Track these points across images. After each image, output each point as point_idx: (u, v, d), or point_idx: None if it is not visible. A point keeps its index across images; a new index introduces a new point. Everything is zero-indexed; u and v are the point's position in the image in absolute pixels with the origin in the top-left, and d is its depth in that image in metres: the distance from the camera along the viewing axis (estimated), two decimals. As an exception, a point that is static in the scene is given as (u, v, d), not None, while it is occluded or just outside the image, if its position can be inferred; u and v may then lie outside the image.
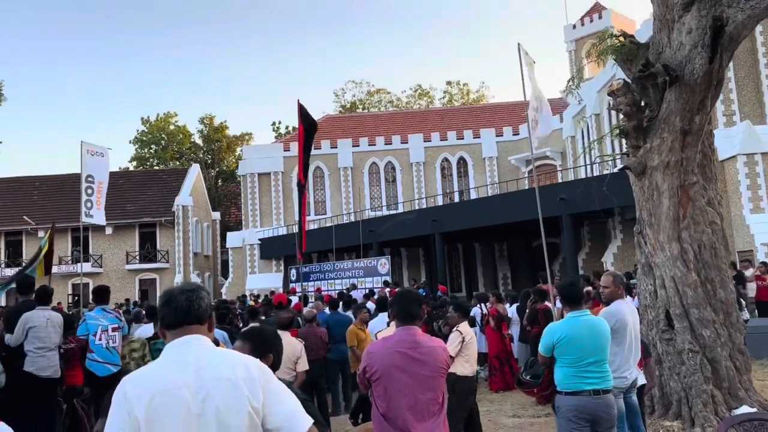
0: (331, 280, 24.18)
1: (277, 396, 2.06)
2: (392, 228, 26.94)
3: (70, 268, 34.20)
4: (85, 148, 11.50)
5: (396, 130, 37.55)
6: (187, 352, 2.04)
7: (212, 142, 53.42)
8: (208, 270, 39.72)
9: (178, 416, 1.92)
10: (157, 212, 36.24)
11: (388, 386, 3.59)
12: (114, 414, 1.92)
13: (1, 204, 37.20)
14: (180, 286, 2.20)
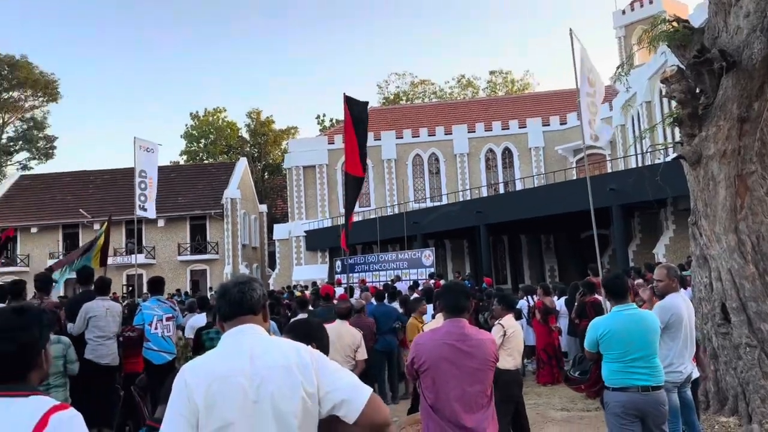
0: (376, 271, 24.33)
1: (334, 374, 2.10)
2: (436, 220, 26.85)
3: (125, 260, 35.39)
4: (138, 144, 11.91)
5: (440, 122, 37.34)
6: (242, 340, 2.11)
7: (259, 135, 54.30)
8: (256, 261, 40.49)
9: (234, 402, 1.98)
10: (207, 205, 37.11)
11: (436, 378, 3.61)
12: (174, 400, 1.99)
13: (59, 198, 38.74)
14: (233, 279, 2.28)
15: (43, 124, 48.60)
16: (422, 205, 32.47)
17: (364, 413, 2.04)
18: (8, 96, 45.88)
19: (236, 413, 1.97)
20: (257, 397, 1.99)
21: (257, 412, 1.99)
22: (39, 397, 1.89)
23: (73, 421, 1.86)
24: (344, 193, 10.48)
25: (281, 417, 2.01)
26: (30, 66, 45.73)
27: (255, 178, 46.51)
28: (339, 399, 2.05)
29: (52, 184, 40.37)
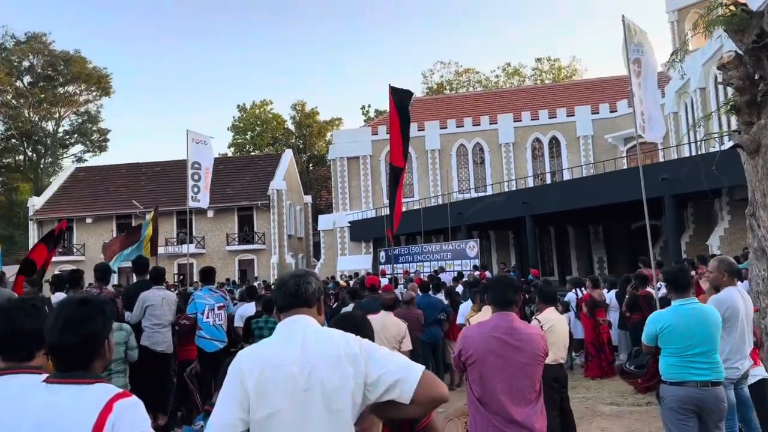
0: (419, 262, 24.32)
1: (384, 358, 2.12)
2: (481, 211, 26.63)
3: (176, 249, 36.43)
4: (191, 136, 12.22)
5: (484, 111, 36.91)
6: (294, 330, 2.17)
7: (304, 127, 54.89)
8: (302, 251, 41.06)
9: (285, 390, 2.03)
10: (254, 196, 37.79)
11: (484, 371, 3.61)
12: (228, 383, 2.06)
13: (113, 189, 40.10)
14: (291, 272, 2.34)
15: (96, 117, 50.36)
16: (466, 196, 32.23)
17: (420, 389, 2.04)
18: (64, 90, 47.68)
19: (286, 401, 2.03)
20: (307, 386, 2.04)
21: (307, 400, 2.04)
22: (103, 384, 1.98)
23: (136, 407, 1.94)
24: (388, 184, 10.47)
25: (331, 406, 2.05)
26: (84, 61, 47.37)
27: (300, 169, 47.06)
28: (392, 380, 2.05)
29: (105, 175, 41.80)
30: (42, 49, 46.25)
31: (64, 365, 1.98)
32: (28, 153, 49.01)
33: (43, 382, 1.99)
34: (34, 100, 45.95)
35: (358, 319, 2.94)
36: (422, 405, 2.09)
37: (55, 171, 49.05)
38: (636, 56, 8.15)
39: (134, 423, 1.90)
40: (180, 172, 37.73)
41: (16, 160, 49.39)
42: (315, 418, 2.05)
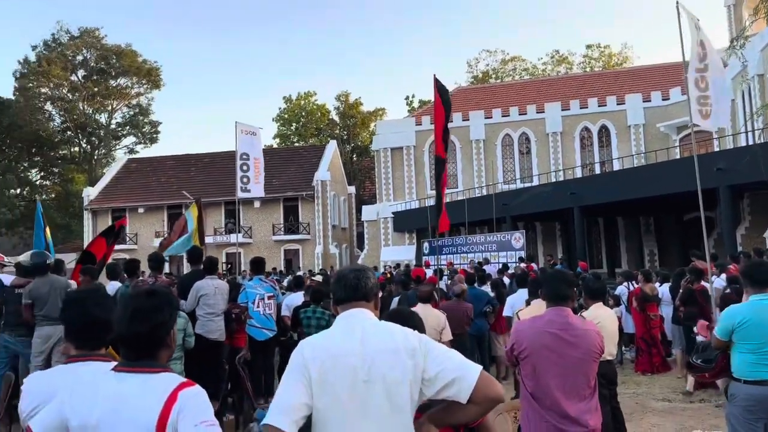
0: (464, 253, 24.15)
1: (442, 355, 2.15)
2: (526, 201, 26.24)
3: (224, 239, 37.23)
4: (239, 128, 12.41)
5: (531, 99, 36.27)
6: (353, 323, 2.20)
7: (348, 118, 55.13)
8: (345, 242, 41.37)
9: (346, 381, 2.07)
10: (298, 187, 38.23)
11: (537, 365, 3.58)
12: (292, 370, 2.11)
13: (164, 180, 41.18)
14: (350, 266, 2.40)
15: (147, 110, 51.72)
16: (512, 187, 31.81)
17: (478, 389, 2.06)
18: (116, 83, 49.12)
19: (346, 391, 2.06)
20: (368, 377, 2.07)
21: (368, 391, 2.07)
22: (168, 373, 2.05)
23: (199, 396, 2.00)
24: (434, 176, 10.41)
25: (392, 399, 2.08)
26: (134, 54, 48.64)
27: (344, 160, 47.33)
28: (450, 378, 2.07)
29: (156, 167, 42.95)
30: (95, 43, 47.69)
31: (133, 354, 2.04)
32: (83, 145, 50.74)
33: (112, 371, 2.06)
34: (87, 93, 47.50)
35: (406, 313, 2.96)
36: (480, 404, 2.10)
37: (108, 162, 50.68)
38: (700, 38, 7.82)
39: (198, 411, 1.96)
40: (227, 163, 38.45)
41: (71, 151, 51.23)
42: (375, 410, 2.08)
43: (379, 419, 2.08)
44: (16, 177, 45.27)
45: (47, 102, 47.52)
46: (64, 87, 47.24)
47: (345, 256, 40.17)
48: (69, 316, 2.42)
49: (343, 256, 39.36)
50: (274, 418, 2.00)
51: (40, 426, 2.05)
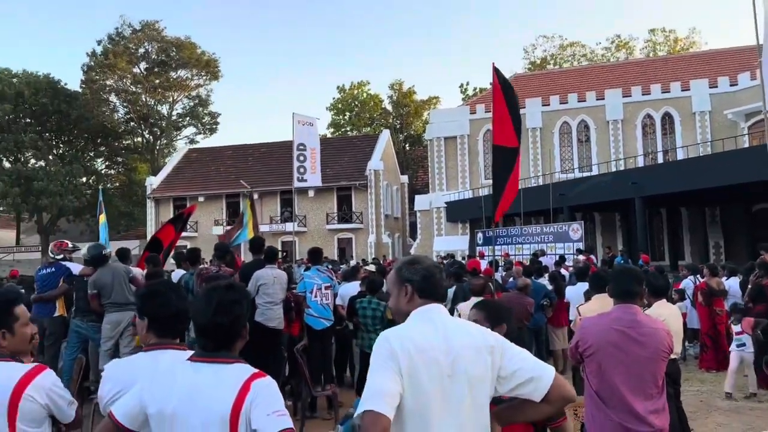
0: (519, 244, 23.76)
1: (518, 355, 2.19)
2: (585, 191, 25.58)
3: (280, 227, 37.93)
4: (297, 118, 12.58)
5: (590, 86, 35.23)
6: (435, 319, 2.21)
7: (401, 107, 55.03)
8: (398, 231, 41.45)
9: (432, 375, 2.08)
10: (352, 176, 38.49)
11: (603, 363, 3.51)
12: (381, 359, 2.08)
13: (222, 170, 42.22)
14: (431, 263, 2.39)
15: (207, 101, 53.03)
16: (569, 176, 31.05)
17: (554, 388, 2.13)
18: (176, 75, 50.52)
19: (434, 385, 2.07)
20: (452, 372, 2.09)
21: (452, 386, 2.09)
22: (241, 364, 2.11)
23: (271, 387, 2.06)
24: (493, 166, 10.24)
25: (474, 393, 2.11)
26: (194, 46, 49.88)
27: (397, 149, 47.32)
28: (527, 377, 2.13)
29: (216, 156, 44.07)
30: (155, 36, 49.13)
31: (212, 345, 2.12)
32: (146, 135, 52.52)
33: (189, 361, 2.13)
34: (149, 85, 49.06)
35: (505, 309, 3.01)
36: (553, 404, 2.17)
37: (169, 152, 52.35)
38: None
39: (270, 401, 2.02)
40: (283, 153, 39.08)
41: (134, 141, 53.13)
42: (458, 405, 2.10)
43: (461, 414, 2.10)
44: (83, 166, 47.31)
45: (111, 94, 49.35)
46: (127, 79, 48.93)
47: (398, 246, 40.27)
48: (152, 308, 2.51)
49: (395, 246, 39.47)
50: (374, 403, 1.97)
51: (121, 412, 2.13)
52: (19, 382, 2.44)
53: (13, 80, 44.25)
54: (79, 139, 48.85)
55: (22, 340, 2.60)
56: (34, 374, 2.48)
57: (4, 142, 42.91)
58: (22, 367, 2.51)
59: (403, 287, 2.31)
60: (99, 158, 51.94)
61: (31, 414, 2.46)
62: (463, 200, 33.22)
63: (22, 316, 2.61)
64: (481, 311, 2.99)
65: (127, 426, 2.13)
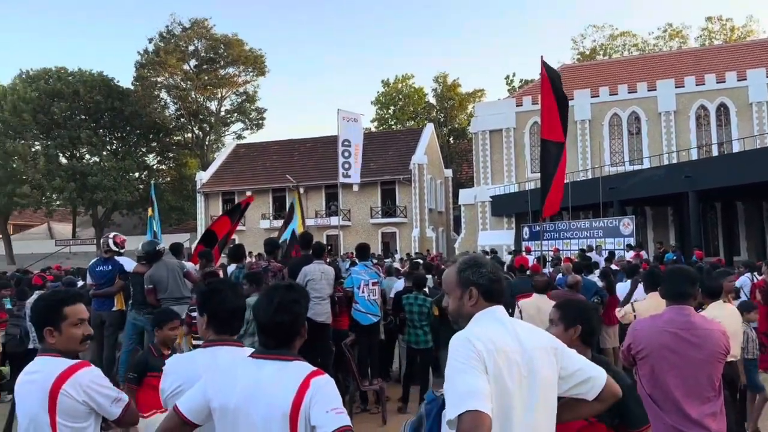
0: (567, 239, 23.38)
1: (576, 355, 2.29)
2: (636, 185, 24.92)
3: (325, 221, 38.31)
4: (341, 115, 12.68)
5: (642, 77, 34.22)
6: (503, 320, 2.24)
7: (445, 100, 54.66)
8: (442, 225, 41.29)
9: (513, 375, 2.10)
10: (396, 170, 38.51)
11: (656, 366, 3.44)
12: (466, 358, 2.06)
13: (269, 165, 42.87)
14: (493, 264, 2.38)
15: (254, 97, 53.85)
16: (620, 169, 30.31)
17: (607, 387, 2.25)
18: (224, 72, 51.46)
19: (515, 386, 2.10)
20: (528, 373, 2.13)
21: (530, 386, 2.13)
22: (301, 362, 2.18)
23: (329, 384, 2.12)
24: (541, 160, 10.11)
25: (547, 394, 2.17)
26: (241, 43, 50.67)
27: (441, 142, 47.05)
28: (586, 377, 2.23)
29: (262, 151, 44.80)
30: (204, 33, 50.11)
31: (273, 342, 2.20)
32: (195, 131, 53.74)
33: (251, 357, 2.22)
34: (199, 82, 50.14)
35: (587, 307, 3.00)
36: (604, 402, 2.28)
37: (218, 147, 53.42)
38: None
39: (329, 399, 2.07)
40: (328, 147, 39.42)
41: (185, 137, 54.42)
42: (536, 405, 2.14)
43: (537, 415, 2.14)
44: (135, 162, 48.78)
45: (162, 91, 50.65)
46: (177, 76, 50.10)
47: (442, 240, 40.13)
48: (211, 305, 2.58)
49: (439, 240, 39.35)
50: (474, 402, 1.94)
51: (186, 406, 2.21)
52: (58, 378, 2.50)
53: (69, 78, 45.88)
54: (131, 135, 50.34)
55: (70, 340, 2.61)
56: (73, 371, 2.53)
57: (60, 138, 44.65)
58: (64, 362, 2.55)
59: (467, 290, 2.29)
60: (151, 154, 53.41)
61: (69, 409, 2.51)
62: (509, 194, 32.81)
63: (72, 316, 2.61)
64: (557, 311, 2.97)
65: (192, 419, 2.20)
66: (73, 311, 2.62)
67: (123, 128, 49.39)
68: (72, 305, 2.63)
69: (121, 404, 2.62)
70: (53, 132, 45.14)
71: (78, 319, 2.62)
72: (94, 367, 2.62)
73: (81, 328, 2.63)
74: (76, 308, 2.63)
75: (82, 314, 2.65)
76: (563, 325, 2.86)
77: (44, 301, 2.67)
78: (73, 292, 2.81)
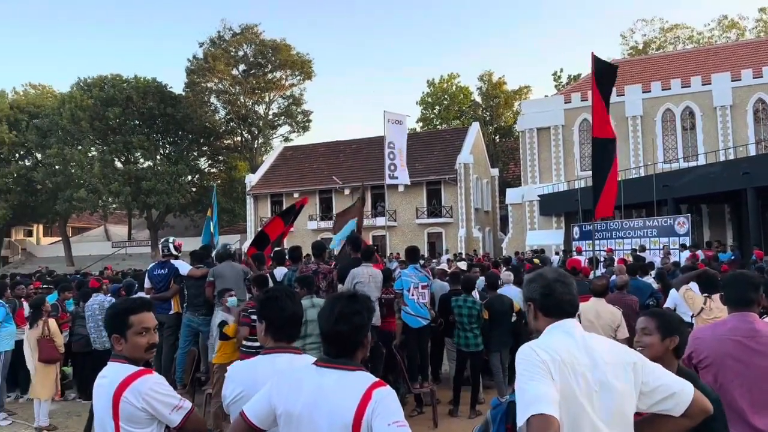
0: (619, 239, 22.81)
1: (659, 369, 2.23)
2: (691, 182, 24.12)
3: (370, 222, 38.41)
4: (387, 117, 12.75)
5: (696, 70, 33.07)
6: (573, 333, 2.23)
7: (491, 98, 54.09)
8: (489, 225, 40.89)
9: (581, 388, 2.09)
10: (441, 170, 38.34)
11: (720, 376, 3.32)
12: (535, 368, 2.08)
13: (315, 166, 43.33)
14: (555, 276, 2.35)
15: (300, 100, 54.49)
16: (674, 166, 29.36)
17: (695, 403, 2.18)
18: (272, 76, 52.27)
19: (585, 399, 2.09)
20: (599, 387, 2.11)
21: (601, 400, 2.11)
22: (363, 372, 2.19)
23: (391, 396, 2.11)
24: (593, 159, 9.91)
25: (621, 408, 2.14)
26: (288, 48, 51.35)
27: (486, 141, 46.58)
28: (669, 392, 2.17)
29: (309, 153, 45.30)
30: (254, 38, 51.01)
31: (335, 351, 2.22)
32: (244, 134, 54.78)
33: (314, 365, 2.25)
34: (247, 86, 51.10)
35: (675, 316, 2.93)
36: (693, 418, 2.21)
37: (266, 150, 54.31)
38: None
39: (391, 411, 2.07)
40: (373, 149, 39.56)
41: (234, 141, 55.56)
42: (609, 420, 2.12)
43: (611, 429, 2.12)
44: (187, 165, 50.09)
45: (212, 95, 51.82)
46: (227, 81, 51.18)
47: (488, 240, 39.74)
48: (268, 312, 2.63)
49: (486, 240, 38.97)
50: (541, 406, 1.96)
51: (252, 412, 2.26)
52: (120, 384, 2.56)
53: (123, 85, 47.48)
54: (183, 139, 51.69)
55: (135, 347, 2.65)
56: (133, 378, 2.57)
57: (115, 143, 46.28)
58: (128, 369, 2.61)
59: (528, 306, 2.36)
60: (202, 157, 54.71)
61: (130, 416, 2.55)
62: (558, 193, 32.24)
63: (137, 324, 2.65)
64: (652, 320, 2.89)
65: (258, 425, 2.25)
66: (138, 320, 2.66)
67: (175, 133, 50.78)
68: (137, 314, 2.67)
69: (182, 412, 2.62)
70: (109, 137, 46.79)
71: (142, 327, 2.66)
72: (156, 375, 2.66)
73: (146, 336, 2.67)
74: (142, 317, 2.67)
75: (148, 323, 2.69)
76: (659, 334, 2.80)
77: (113, 309, 2.75)
78: (140, 301, 2.87)
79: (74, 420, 8.09)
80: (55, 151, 44.65)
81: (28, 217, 53.62)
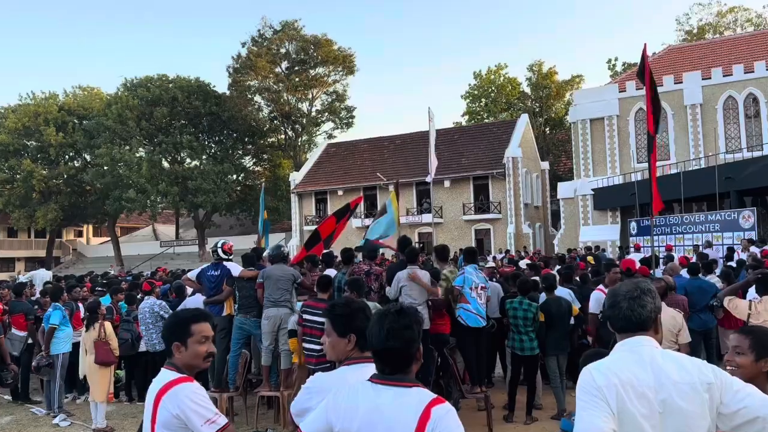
0: (679, 234, 21.69)
1: (742, 391, 2.10)
2: (756, 173, 22.72)
3: (416, 219, 37.93)
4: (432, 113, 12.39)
5: (759, 55, 31.27)
6: (641, 352, 2.16)
7: (540, 89, 52.63)
8: (539, 221, 39.77)
9: (643, 411, 2.04)
10: (488, 165, 37.49)
11: None
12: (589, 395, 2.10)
13: (359, 163, 43.08)
14: (626, 290, 2.30)
15: (343, 96, 54.40)
16: (737, 157, 27.78)
17: None
18: (315, 73, 52.32)
19: (646, 420, 2.04)
20: (663, 410, 2.05)
21: (664, 423, 2.05)
22: (420, 389, 2.15)
23: (450, 414, 2.08)
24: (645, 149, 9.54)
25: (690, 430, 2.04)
26: (330, 43, 51.28)
27: (536, 134, 45.35)
28: (753, 416, 2.05)
29: (353, 150, 45.10)
30: (295, 35, 51.10)
31: (389, 368, 2.19)
32: (288, 132, 55.06)
33: (369, 381, 2.21)
34: (290, 83, 51.26)
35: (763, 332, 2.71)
36: None
37: (310, 147, 54.47)
38: None
39: (450, 430, 2.03)
40: (417, 144, 39.03)
41: (278, 138, 55.92)
42: None
43: None
44: (233, 164, 50.66)
45: (256, 94, 52.20)
46: (270, 79, 51.46)
47: (539, 236, 38.64)
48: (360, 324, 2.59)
49: (536, 236, 37.89)
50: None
51: (310, 428, 2.28)
52: (161, 389, 2.62)
53: (168, 85, 48.28)
54: (229, 138, 52.31)
55: (194, 356, 2.71)
56: (174, 383, 2.61)
57: (164, 144, 47.10)
58: (171, 375, 2.66)
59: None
60: (246, 156, 55.28)
61: (165, 421, 2.57)
62: (613, 186, 30.98)
63: (197, 333, 2.73)
64: (746, 338, 2.62)
65: None
66: (199, 329, 2.74)
67: (220, 132, 51.41)
68: (199, 323, 2.76)
69: (214, 426, 2.58)
70: (156, 138, 47.69)
71: (203, 336, 2.75)
72: (196, 384, 2.66)
73: (205, 345, 2.75)
74: (202, 326, 2.76)
75: (207, 332, 2.78)
76: (754, 354, 2.58)
77: (175, 318, 2.86)
78: (201, 311, 2.98)
79: (130, 421, 8.36)
80: (104, 151, 45.65)
81: (78, 217, 55.26)
